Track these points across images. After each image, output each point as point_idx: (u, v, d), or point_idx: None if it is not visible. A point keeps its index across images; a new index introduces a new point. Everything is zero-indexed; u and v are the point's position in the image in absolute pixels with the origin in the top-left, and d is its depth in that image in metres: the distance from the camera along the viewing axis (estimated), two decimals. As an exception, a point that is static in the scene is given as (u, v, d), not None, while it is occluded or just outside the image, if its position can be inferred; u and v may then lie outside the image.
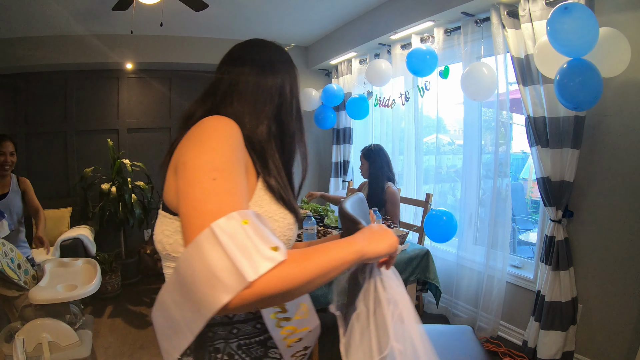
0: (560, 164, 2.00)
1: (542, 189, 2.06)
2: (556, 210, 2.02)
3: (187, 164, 0.64)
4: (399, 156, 3.33)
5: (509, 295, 2.44)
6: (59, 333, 1.59)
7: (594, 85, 1.63)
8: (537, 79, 2.04)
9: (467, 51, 2.50)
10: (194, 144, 0.67)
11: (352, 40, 3.51)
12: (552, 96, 1.93)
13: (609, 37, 1.67)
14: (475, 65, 2.31)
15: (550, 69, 1.83)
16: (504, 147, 2.43)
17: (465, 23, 2.49)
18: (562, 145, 1.99)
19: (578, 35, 1.60)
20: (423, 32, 2.86)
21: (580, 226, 2.05)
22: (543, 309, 2.07)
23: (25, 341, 1.49)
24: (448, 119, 3.54)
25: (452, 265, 2.74)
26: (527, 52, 2.06)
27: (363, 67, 3.60)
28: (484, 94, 2.31)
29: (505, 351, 2.27)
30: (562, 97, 1.69)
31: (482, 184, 2.62)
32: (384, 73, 3.02)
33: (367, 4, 3.12)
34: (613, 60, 1.69)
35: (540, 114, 2.04)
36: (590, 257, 2.02)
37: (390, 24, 2.97)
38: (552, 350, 2.03)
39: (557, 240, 2.02)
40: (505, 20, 2.16)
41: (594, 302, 2.01)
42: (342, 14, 3.37)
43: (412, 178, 3.15)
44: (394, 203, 2.59)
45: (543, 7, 1.97)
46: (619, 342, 1.90)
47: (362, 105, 3.37)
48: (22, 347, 1.47)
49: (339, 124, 4.01)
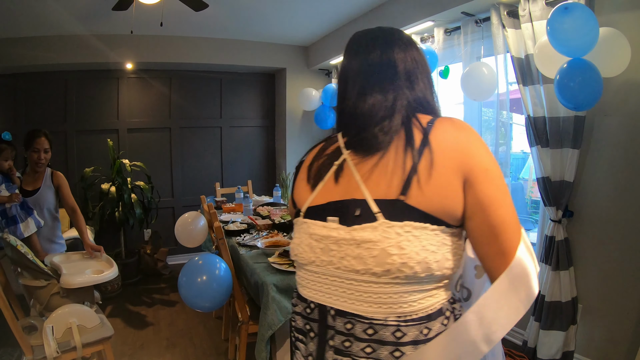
0: (560, 164, 2.00)
1: (542, 189, 2.06)
2: (556, 210, 2.02)
3: (490, 170, 0.65)
4: (399, 156, 3.32)
5: (509, 295, 2.43)
6: (84, 317, 1.69)
7: (594, 85, 1.63)
8: (537, 79, 2.04)
9: (467, 51, 2.50)
10: (481, 148, 0.66)
11: (352, 40, 3.50)
12: (552, 96, 1.93)
13: (609, 37, 1.67)
14: (475, 65, 2.31)
15: (550, 69, 1.83)
16: (504, 147, 2.44)
17: (465, 23, 2.49)
18: (562, 145, 1.99)
19: (578, 35, 1.59)
20: (423, 32, 2.86)
21: (580, 226, 2.05)
22: (543, 308, 2.07)
23: (54, 328, 1.57)
24: (448, 119, 3.52)
25: (452, 265, 2.74)
26: (527, 52, 2.06)
27: (363, 67, 3.60)
28: (484, 94, 2.31)
29: (505, 351, 2.26)
30: (562, 97, 1.70)
31: (482, 184, 2.62)
32: (384, 73, 3.01)
33: (367, 4, 3.12)
34: (613, 60, 1.69)
35: (540, 114, 2.04)
36: (590, 257, 2.02)
37: (390, 24, 2.96)
38: (552, 350, 2.03)
39: (557, 240, 2.02)
40: (505, 20, 2.16)
41: (594, 302, 2.01)
42: (342, 14, 3.37)
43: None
44: None
45: (543, 7, 1.97)
46: (619, 342, 1.90)
47: (362, 105, 3.37)
48: (52, 334, 1.55)
49: (339, 124, 4.01)
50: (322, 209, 0.71)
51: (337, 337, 0.67)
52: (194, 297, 1.73)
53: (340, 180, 0.72)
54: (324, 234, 0.68)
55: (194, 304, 1.76)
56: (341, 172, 0.72)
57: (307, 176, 0.78)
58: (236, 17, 3.37)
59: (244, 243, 2.06)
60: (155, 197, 3.79)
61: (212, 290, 1.72)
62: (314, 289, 0.71)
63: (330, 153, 0.76)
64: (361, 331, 0.65)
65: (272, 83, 4.70)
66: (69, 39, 3.50)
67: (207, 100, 4.38)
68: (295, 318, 0.77)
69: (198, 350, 2.46)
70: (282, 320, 1.51)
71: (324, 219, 0.69)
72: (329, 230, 0.68)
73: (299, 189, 0.79)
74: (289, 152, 4.43)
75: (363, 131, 0.71)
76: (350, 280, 0.66)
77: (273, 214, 2.59)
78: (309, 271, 0.72)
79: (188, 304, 1.78)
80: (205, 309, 1.79)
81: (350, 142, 0.74)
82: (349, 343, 0.66)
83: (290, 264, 1.67)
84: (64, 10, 2.93)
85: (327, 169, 0.74)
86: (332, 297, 0.68)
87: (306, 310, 0.73)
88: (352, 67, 0.77)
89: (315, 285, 0.71)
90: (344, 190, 0.70)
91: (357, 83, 0.75)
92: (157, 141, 4.21)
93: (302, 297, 0.74)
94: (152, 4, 2.48)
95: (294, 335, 0.78)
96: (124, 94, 4.04)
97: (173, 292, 3.40)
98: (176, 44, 3.84)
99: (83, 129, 3.91)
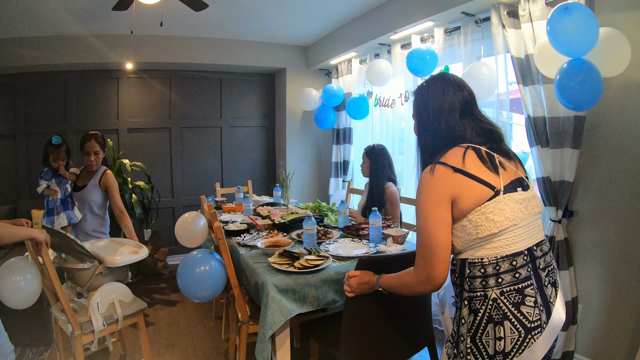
0: (560, 164, 2.00)
1: (542, 189, 2.06)
2: (556, 210, 2.02)
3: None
4: (399, 156, 3.33)
5: (509, 295, 2.43)
6: (122, 293, 1.92)
7: (594, 85, 1.63)
8: (537, 79, 2.04)
9: (467, 51, 2.50)
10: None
11: (352, 40, 3.51)
12: (552, 96, 1.93)
13: (609, 37, 1.67)
14: (475, 65, 2.31)
15: (550, 69, 1.83)
16: (504, 147, 2.43)
17: (465, 23, 2.49)
18: (562, 145, 1.99)
19: (578, 35, 1.59)
20: (423, 32, 2.86)
21: (580, 226, 2.05)
22: (543, 309, 2.06)
23: (99, 304, 1.78)
24: (448, 118, 3.53)
25: (452, 265, 2.73)
26: (527, 52, 2.06)
27: (363, 67, 3.61)
28: (484, 94, 2.31)
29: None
30: (562, 97, 1.70)
31: (482, 184, 2.62)
32: (384, 73, 3.02)
33: (367, 4, 3.12)
34: (613, 60, 1.69)
35: (540, 114, 2.04)
36: (590, 257, 2.02)
37: (390, 24, 2.97)
38: (552, 350, 2.03)
39: (557, 240, 2.02)
40: (505, 20, 2.16)
41: (594, 302, 2.00)
42: (342, 14, 3.37)
43: (412, 178, 3.15)
44: (394, 203, 2.59)
45: (543, 7, 1.97)
46: (619, 342, 1.90)
47: (362, 105, 3.37)
48: (97, 309, 1.75)
49: (339, 124, 4.01)
50: (510, 185, 1.08)
51: (541, 260, 1.05)
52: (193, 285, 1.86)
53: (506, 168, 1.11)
54: (523, 197, 1.06)
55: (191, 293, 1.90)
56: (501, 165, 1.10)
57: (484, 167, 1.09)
58: (236, 17, 3.37)
59: (244, 243, 2.06)
60: (155, 197, 3.80)
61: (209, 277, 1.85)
62: (523, 239, 1.03)
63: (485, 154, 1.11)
64: (547, 248, 1.10)
65: (272, 83, 4.70)
66: (69, 39, 3.50)
67: (207, 100, 4.38)
68: (518, 274, 1.00)
69: (198, 350, 2.46)
70: (283, 320, 1.51)
71: (516, 190, 1.07)
72: (521, 195, 1.06)
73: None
74: (289, 152, 4.43)
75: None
76: (534, 220, 1.08)
77: (273, 214, 2.58)
78: (517, 226, 1.03)
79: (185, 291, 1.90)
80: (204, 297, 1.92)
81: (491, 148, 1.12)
82: (549, 258, 1.08)
83: (290, 264, 1.67)
84: (64, 10, 2.93)
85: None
86: (532, 237, 1.05)
87: (524, 259, 1.02)
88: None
89: (523, 236, 1.03)
90: (513, 173, 1.10)
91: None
92: (157, 141, 4.21)
93: (516, 253, 1.02)
94: (152, 4, 2.48)
95: (516, 290, 0.99)
96: (124, 94, 4.05)
97: (173, 292, 3.40)
98: (176, 44, 3.84)
99: (83, 129, 3.89)
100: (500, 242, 1.02)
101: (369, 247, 1.91)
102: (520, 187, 1.08)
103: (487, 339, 0.99)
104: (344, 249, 1.92)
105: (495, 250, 1.02)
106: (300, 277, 1.58)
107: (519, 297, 0.99)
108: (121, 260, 1.92)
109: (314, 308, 1.59)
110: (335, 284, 1.62)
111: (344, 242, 2.04)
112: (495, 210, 1.01)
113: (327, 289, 1.61)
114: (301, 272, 1.60)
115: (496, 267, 1.01)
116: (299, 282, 1.57)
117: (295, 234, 2.19)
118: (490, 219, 1.01)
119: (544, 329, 0.99)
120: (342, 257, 1.79)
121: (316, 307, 1.60)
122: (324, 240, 2.05)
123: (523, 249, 1.02)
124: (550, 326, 1.01)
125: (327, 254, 1.77)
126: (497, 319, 0.98)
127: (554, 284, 1.07)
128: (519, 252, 1.02)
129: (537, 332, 0.98)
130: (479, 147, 1.10)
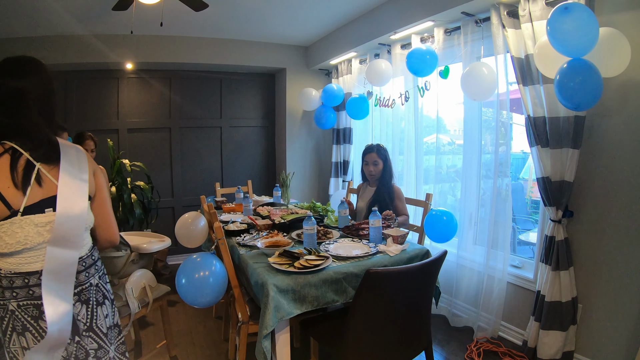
0: (560, 164, 2.00)
1: (542, 189, 2.06)
2: (556, 210, 2.02)
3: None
4: (399, 156, 3.33)
5: (509, 295, 2.44)
6: (150, 278, 2.03)
7: (594, 85, 1.63)
8: (537, 79, 2.04)
9: (467, 51, 2.50)
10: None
11: (352, 40, 3.51)
12: (552, 96, 1.93)
13: (609, 37, 1.67)
14: (475, 65, 2.31)
15: (550, 69, 1.83)
16: (504, 147, 2.43)
17: (465, 23, 2.49)
18: (562, 145, 1.99)
19: (578, 35, 1.59)
20: (423, 32, 2.86)
21: (580, 226, 2.05)
22: (543, 309, 2.07)
23: (132, 289, 1.89)
24: (448, 119, 3.53)
25: (452, 265, 2.74)
26: (527, 52, 2.06)
27: (363, 67, 3.61)
28: (484, 94, 2.31)
29: (505, 351, 2.27)
30: (562, 97, 1.70)
31: (482, 184, 2.62)
32: (384, 73, 3.02)
33: (367, 4, 3.12)
34: (613, 60, 1.69)
35: (540, 114, 2.04)
36: (590, 257, 2.02)
37: (390, 24, 2.97)
38: (552, 350, 2.03)
39: (557, 240, 2.02)
40: (505, 20, 2.16)
41: (594, 302, 2.01)
42: (342, 14, 3.37)
43: (412, 178, 3.15)
44: (402, 199, 2.61)
45: (543, 7, 1.97)
46: (619, 342, 1.90)
47: (362, 105, 3.37)
48: (132, 294, 1.87)
49: (339, 124, 4.01)
50: (37, 206, 1.07)
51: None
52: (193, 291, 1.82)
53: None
54: (46, 221, 1.05)
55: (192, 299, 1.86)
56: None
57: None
58: (236, 17, 3.37)
59: (244, 243, 2.06)
60: (155, 197, 3.79)
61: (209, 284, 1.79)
62: (39, 260, 1.07)
63: None
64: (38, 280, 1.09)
65: (272, 83, 4.70)
66: (69, 39, 3.50)
67: (207, 100, 4.38)
68: (32, 291, 1.06)
69: (198, 350, 2.46)
70: (283, 320, 1.52)
71: (43, 211, 1.05)
72: (46, 217, 1.06)
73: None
74: (289, 152, 4.43)
75: None
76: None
77: (273, 214, 2.58)
78: (32, 249, 1.05)
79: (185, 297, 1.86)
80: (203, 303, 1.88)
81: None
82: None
83: (290, 264, 1.67)
84: (64, 10, 2.93)
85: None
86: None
87: (40, 278, 1.06)
88: None
89: (40, 257, 1.07)
90: (49, 190, 1.09)
91: None
92: (157, 141, 4.21)
93: (30, 272, 1.06)
94: (152, 4, 2.48)
95: (34, 305, 1.05)
96: (124, 94, 4.05)
97: (173, 292, 3.39)
98: (176, 44, 3.84)
99: (83, 129, 3.90)
100: (14, 260, 1.05)
101: (369, 247, 1.91)
102: (52, 208, 1.06)
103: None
104: (344, 249, 1.92)
105: (10, 266, 1.05)
106: (300, 277, 1.58)
107: (37, 312, 1.05)
108: (157, 246, 2.03)
109: (313, 308, 1.59)
110: (335, 284, 1.62)
111: (344, 242, 2.04)
112: (8, 231, 1.01)
113: (326, 289, 1.61)
114: (301, 272, 1.60)
115: (10, 281, 1.05)
116: (299, 282, 1.57)
117: (295, 234, 2.19)
118: (3, 238, 1.01)
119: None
120: (342, 257, 1.79)
121: (316, 307, 1.60)
122: (324, 240, 2.05)
123: (39, 269, 1.05)
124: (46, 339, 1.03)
125: (327, 254, 1.77)
126: (18, 329, 1.04)
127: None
128: (33, 271, 1.05)
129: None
130: (24, 152, 1.05)
